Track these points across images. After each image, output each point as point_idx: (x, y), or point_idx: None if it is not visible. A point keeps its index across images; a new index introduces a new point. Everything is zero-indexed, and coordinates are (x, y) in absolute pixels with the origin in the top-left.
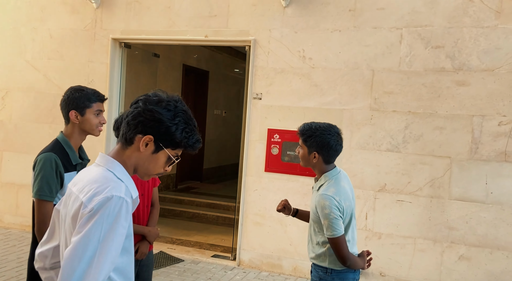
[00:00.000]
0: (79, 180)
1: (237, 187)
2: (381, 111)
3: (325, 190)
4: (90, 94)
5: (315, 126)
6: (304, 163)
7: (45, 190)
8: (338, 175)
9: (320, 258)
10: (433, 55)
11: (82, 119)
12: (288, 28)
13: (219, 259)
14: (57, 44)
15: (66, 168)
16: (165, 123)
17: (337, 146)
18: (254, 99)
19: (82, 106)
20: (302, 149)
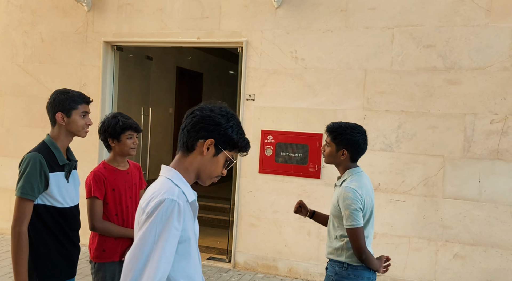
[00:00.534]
0: (146, 193)
1: (231, 188)
2: (374, 110)
3: (349, 183)
4: (75, 96)
5: (345, 125)
6: (329, 160)
7: (26, 188)
8: (361, 173)
9: (337, 252)
10: (425, 54)
11: (69, 121)
12: (280, 29)
13: (214, 261)
14: (48, 47)
15: (52, 168)
16: (223, 125)
17: (364, 145)
18: (247, 101)
19: (68, 108)
20: (330, 147)
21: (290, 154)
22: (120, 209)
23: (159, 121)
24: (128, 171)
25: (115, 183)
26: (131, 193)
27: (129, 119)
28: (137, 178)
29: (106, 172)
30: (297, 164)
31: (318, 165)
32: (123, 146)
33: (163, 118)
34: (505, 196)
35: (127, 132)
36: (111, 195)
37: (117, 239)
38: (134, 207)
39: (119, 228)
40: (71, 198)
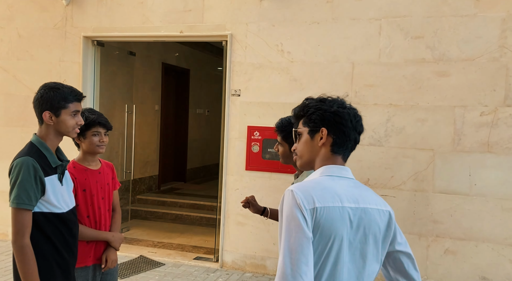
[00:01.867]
0: (356, 194)
1: (218, 186)
2: (362, 104)
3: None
4: (66, 93)
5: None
6: (285, 161)
7: (22, 197)
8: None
9: None
10: (413, 46)
11: (57, 121)
12: (266, 21)
13: (202, 261)
14: (26, 43)
15: (46, 172)
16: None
17: None
18: (233, 96)
19: (57, 106)
20: (283, 147)
21: (275, 150)
22: (92, 210)
23: (145, 119)
24: (99, 170)
25: (86, 183)
26: (103, 194)
27: (95, 115)
28: (110, 178)
29: (76, 172)
30: None
31: None
32: (89, 144)
33: (149, 116)
34: (495, 190)
35: (93, 129)
36: (81, 196)
37: (90, 242)
38: (107, 208)
39: (91, 230)
40: (66, 202)
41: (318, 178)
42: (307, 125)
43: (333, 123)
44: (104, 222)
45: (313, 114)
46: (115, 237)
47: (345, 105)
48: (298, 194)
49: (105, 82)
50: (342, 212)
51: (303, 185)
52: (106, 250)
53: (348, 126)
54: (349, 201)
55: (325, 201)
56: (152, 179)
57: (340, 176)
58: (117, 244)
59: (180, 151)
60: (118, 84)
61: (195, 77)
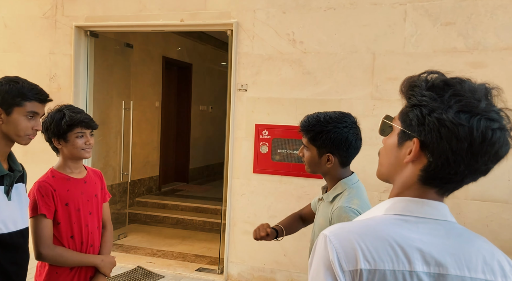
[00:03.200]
0: (443, 250)
1: (223, 191)
2: (384, 100)
3: (347, 202)
4: (25, 88)
5: (325, 118)
6: (312, 169)
7: None
8: (358, 183)
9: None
10: (443, 34)
11: (7, 120)
12: (275, 8)
13: (205, 273)
14: (13, 34)
15: None
16: None
17: (357, 142)
18: (239, 91)
19: (10, 102)
20: (309, 151)
21: (289, 151)
22: (77, 229)
23: (145, 116)
24: (85, 179)
25: (69, 196)
26: (91, 208)
27: (78, 113)
28: (98, 188)
29: (55, 182)
30: (297, 163)
31: None
32: (73, 148)
33: (148, 113)
34: None
35: (76, 130)
36: (63, 212)
37: (73, 269)
38: (96, 225)
39: (77, 254)
40: (13, 221)
41: (379, 218)
42: (402, 120)
43: (437, 135)
44: (92, 242)
45: (415, 108)
46: (105, 262)
47: (491, 114)
48: (334, 243)
49: (99, 77)
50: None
51: (347, 227)
52: (94, 278)
53: (471, 147)
54: (425, 262)
55: (379, 259)
56: (153, 180)
57: (419, 217)
58: (108, 270)
59: (182, 150)
60: (115, 78)
61: (197, 72)
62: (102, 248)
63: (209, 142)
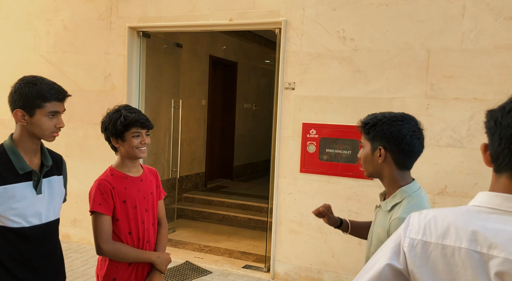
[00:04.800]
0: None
1: (269, 190)
2: (439, 99)
3: (406, 213)
4: (44, 89)
5: (382, 114)
6: (365, 167)
7: None
8: (419, 191)
9: None
10: (506, 29)
11: (31, 121)
12: (325, 5)
13: (251, 270)
14: (72, 35)
15: (4, 180)
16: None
17: (413, 139)
18: (286, 90)
19: (31, 104)
20: (364, 148)
21: (337, 151)
22: (135, 225)
23: (192, 114)
24: (141, 177)
25: (126, 194)
26: (146, 205)
27: (134, 113)
28: (154, 186)
29: (114, 181)
30: (345, 163)
31: None
32: (129, 147)
33: (195, 111)
34: None
35: (132, 129)
36: (121, 209)
37: (131, 264)
38: (151, 222)
39: (134, 250)
40: (38, 215)
41: (471, 207)
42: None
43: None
44: (148, 239)
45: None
46: (161, 258)
47: None
48: (413, 217)
49: (151, 76)
50: (479, 259)
51: (435, 209)
52: (150, 274)
53: None
54: (477, 242)
55: (450, 237)
56: (199, 177)
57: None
58: (163, 267)
59: (227, 147)
60: (165, 78)
61: (242, 70)
62: (157, 244)
63: (252, 140)
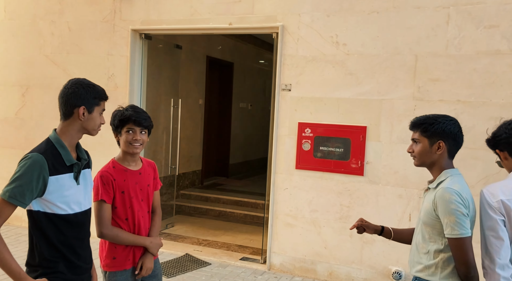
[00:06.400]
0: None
1: (266, 185)
2: (425, 100)
3: (450, 184)
4: (100, 91)
5: (433, 115)
6: (422, 160)
7: (15, 192)
8: (460, 175)
9: (429, 270)
10: (486, 36)
11: (89, 117)
12: (320, 11)
13: (248, 262)
14: (76, 37)
15: (56, 171)
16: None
17: (461, 136)
18: (283, 91)
19: (91, 102)
20: (421, 143)
21: (330, 148)
22: (131, 213)
23: (189, 113)
24: (140, 171)
25: (125, 185)
26: (142, 196)
27: (130, 111)
28: (151, 178)
29: (115, 173)
30: (338, 160)
31: (361, 160)
32: (123, 142)
33: (193, 110)
34: None
35: (127, 125)
36: (120, 199)
37: (128, 246)
38: (146, 210)
39: (130, 235)
40: (79, 203)
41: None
42: None
43: None
44: (143, 226)
45: None
46: (153, 243)
47: None
48: (483, 190)
49: (151, 76)
50: None
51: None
52: (143, 256)
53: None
54: None
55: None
56: (196, 174)
57: None
58: (155, 251)
59: (223, 146)
60: (164, 78)
61: (238, 70)
62: (151, 230)
63: (248, 139)
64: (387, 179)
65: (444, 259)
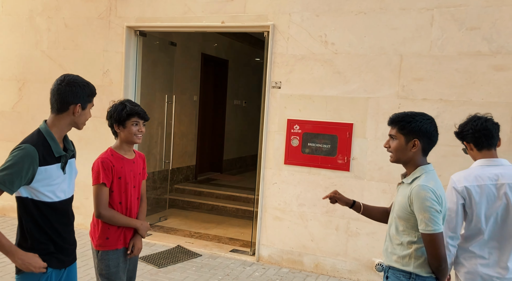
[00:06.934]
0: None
1: (256, 180)
2: (409, 99)
3: (425, 181)
4: (92, 89)
5: (411, 113)
6: (398, 156)
7: (5, 179)
8: (434, 171)
9: (403, 260)
10: (468, 38)
11: (82, 113)
12: (309, 11)
13: (238, 254)
14: (72, 33)
15: (45, 161)
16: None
17: (436, 135)
18: (273, 88)
19: (86, 99)
20: (397, 139)
21: (318, 145)
22: (125, 197)
23: (184, 109)
24: (134, 160)
25: (122, 171)
26: (135, 183)
27: (136, 106)
28: (141, 168)
29: (114, 160)
30: (325, 156)
31: (347, 156)
32: (128, 133)
33: (187, 106)
34: None
35: (133, 119)
36: (117, 183)
37: (120, 227)
38: (137, 196)
39: (124, 217)
40: (64, 191)
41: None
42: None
43: None
44: (134, 210)
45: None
46: (143, 226)
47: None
48: (453, 177)
49: (146, 72)
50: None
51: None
52: (134, 238)
53: None
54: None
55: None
56: (190, 169)
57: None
58: (144, 232)
59: (217, 142)
60: (159, 74)
61: (233, 68)
62: (139, 214)
63: (242, 135)
64: (372, 174)
65: (417, 249)
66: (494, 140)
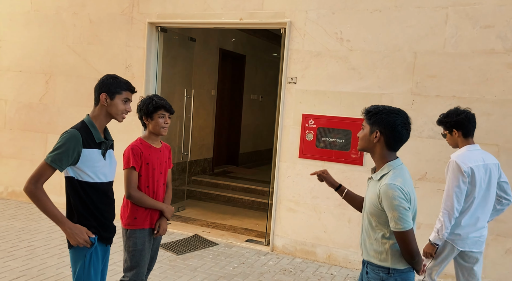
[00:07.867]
0: None
1: (271, 172)
2: (423, 95)
3: (392, 180)
4: (122, 83)
5: (383, 107)
6: (362, 145)
7: (55, 158)
8: (402, 166)
9: (381, 256)
10: (482, 36)
11: (111, 103)
12: (325, 9)
13: (253, 243)
14: (96, 29)
15: (88, 145)
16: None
17: (402, 130)
18: (289, 84)
19: (113, 91)
20: (364, 129)
21: (332, 139)
22: (152, 182)
23: (202, 103)
24: (160, 149)
25: (150, 158)
26: (161, 169)
27: (162, 100)
28: (167, 158)
29: (142, 147)
30: (339, 150)
31: None
32: (155, 125)
33: (205, 100)
34: None
35: (159, 111)
36: (145, 169)
37: (147, 209)
38: (163, 182)
39: (151, 199)
40: (105, 175)
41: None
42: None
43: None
44: (160, 194)
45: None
46: (168, 208)
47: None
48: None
49: (166, 67)
50: None
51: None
52: (160, 219)
53: None
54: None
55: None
56: (207, 162)
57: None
58: (169, 215)
59: (233, 135)
60: (178, 69)
61: (250, 62)
62: (165, 199)
63: (258, 129)
64: None
65: (392, 245)
66: (474, 130)
